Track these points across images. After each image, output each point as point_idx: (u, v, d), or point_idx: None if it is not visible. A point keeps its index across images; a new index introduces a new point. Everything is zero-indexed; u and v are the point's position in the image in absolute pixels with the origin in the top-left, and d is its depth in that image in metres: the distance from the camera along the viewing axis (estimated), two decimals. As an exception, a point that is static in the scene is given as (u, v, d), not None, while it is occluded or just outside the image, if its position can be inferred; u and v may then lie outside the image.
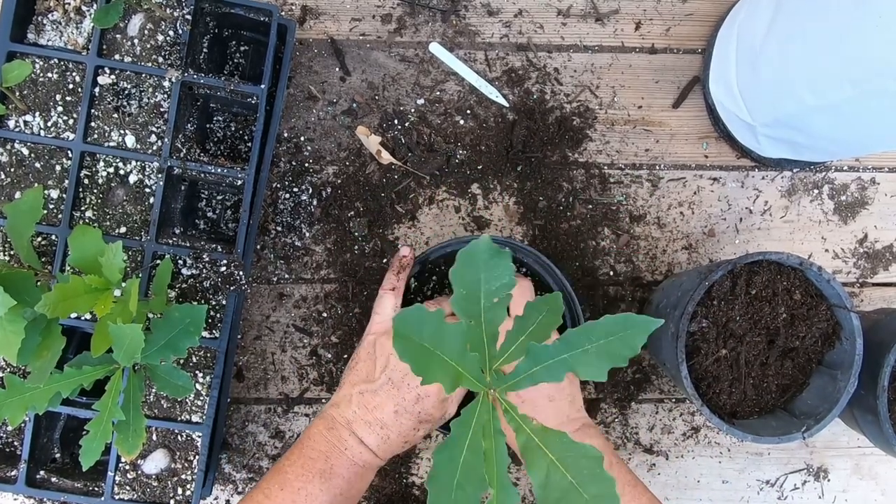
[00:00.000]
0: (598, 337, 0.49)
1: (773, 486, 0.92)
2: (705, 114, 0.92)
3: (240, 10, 0.79)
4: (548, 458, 0.46)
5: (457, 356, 0.50)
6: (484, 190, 0.90)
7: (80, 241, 0.62)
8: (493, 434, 0.49)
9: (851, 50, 0.64)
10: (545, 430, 0.48)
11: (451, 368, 0.50)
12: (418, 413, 0.64)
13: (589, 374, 0.49)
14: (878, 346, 0.76)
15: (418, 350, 0.49)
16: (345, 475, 0.63)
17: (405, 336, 0.49)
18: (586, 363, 0.49)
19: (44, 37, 0.76)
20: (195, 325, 0.65)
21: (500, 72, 0.91)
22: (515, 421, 0.49)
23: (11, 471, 0.76)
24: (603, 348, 0.48)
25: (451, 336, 0.50)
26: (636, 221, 0.91)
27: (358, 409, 0.65)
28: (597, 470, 0.45)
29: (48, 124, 0.76)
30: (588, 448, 0.46)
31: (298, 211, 0.88)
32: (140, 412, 0.63)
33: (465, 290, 0.51)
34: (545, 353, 0.49)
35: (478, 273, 0.52)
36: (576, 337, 0.49)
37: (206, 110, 0.85)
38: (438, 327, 0.50)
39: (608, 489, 0.44)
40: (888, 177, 0.93)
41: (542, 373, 0.50)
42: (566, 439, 0.47)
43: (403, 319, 0.49)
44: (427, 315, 0.49)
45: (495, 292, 0.52)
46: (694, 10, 0.92)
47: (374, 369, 0.67)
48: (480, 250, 0.52)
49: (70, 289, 0.57)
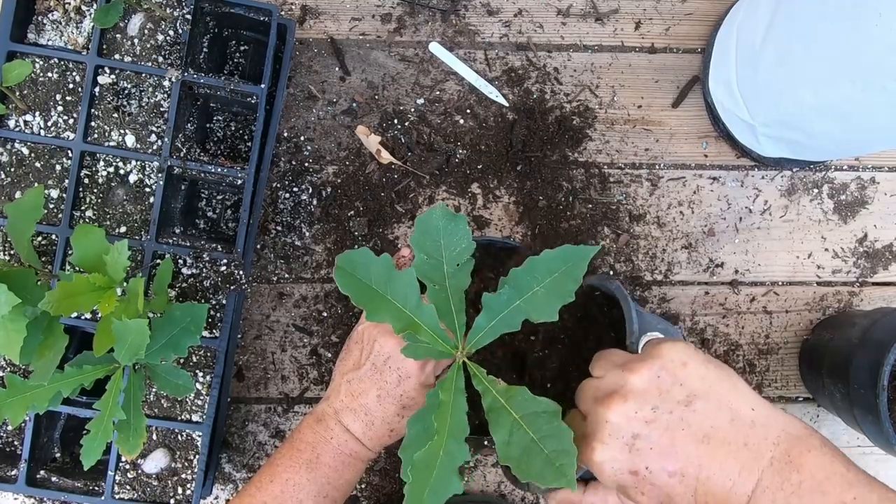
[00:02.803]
0: (543, 275, 0.50)
1: (773, 486, 0.92)
2: (705, 113, 0.92)
3: (240, 9, 0.79)
4: (511, 416, 0.47)
5: (411, 305, 0.51)
6: (484, 189, 0.90)
7: (82, 239, 0.62)
8: (453, 390, 0.50)
9: (851, 49, 0.64)
10: (509, 390, 0.49)
11: (402, 314, 0.51)
12: (400, 396, 0.65)
13: (543, 315, 0.50)
14: (877, 345, 0.76)
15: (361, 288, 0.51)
16: (331, 464, 0.64)
17: (347, 272, 0.50)
18: (538, 305, 0.50)
19: (44, 36, 0.76)
20: (196, 323, 0.65)
21: (500, 71, 0.91)
22: (482, 384, 0.50)
23: (12, 470, 0.76)
24: (550, 287, 0.50)
25: (401, 283, 0.51)
26: (636, 221, 0.91)
27: (345, 398, 0.66)
28: (554, 423, 0.46)
29: (48, 124, 0.76)
30: (546, 402, 0.47)
31: (298, 210, 0.88)
32: (141, 411, 0.63)
33: (426, 255, 0.52)
34: (498, 304, 0.51)
35: (437, 238, 0.53)
36: (522, 278, 0.50)
37: (206, 110, 0.85)
38: (386, 271, 0.51)
39: (566, 444, 0.45)
40: (888, 176, 0.93)
41: (501, 324, 0.51)
42: (527, 395, 0.48)
43: (347, 257, 0.50)
44: (373, 258, 0.50)
45: (456, 257, 0.53)
46: (693, 10, 0.92)
47: (360, 358, 0.68)
48: (436, 216, 0.53)
49: (73, 287, 0.58)
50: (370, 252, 0.51)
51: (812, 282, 0.93)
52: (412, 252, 0.76)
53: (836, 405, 0.84)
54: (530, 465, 0.45)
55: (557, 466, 0.45)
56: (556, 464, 0.45)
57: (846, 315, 0.90)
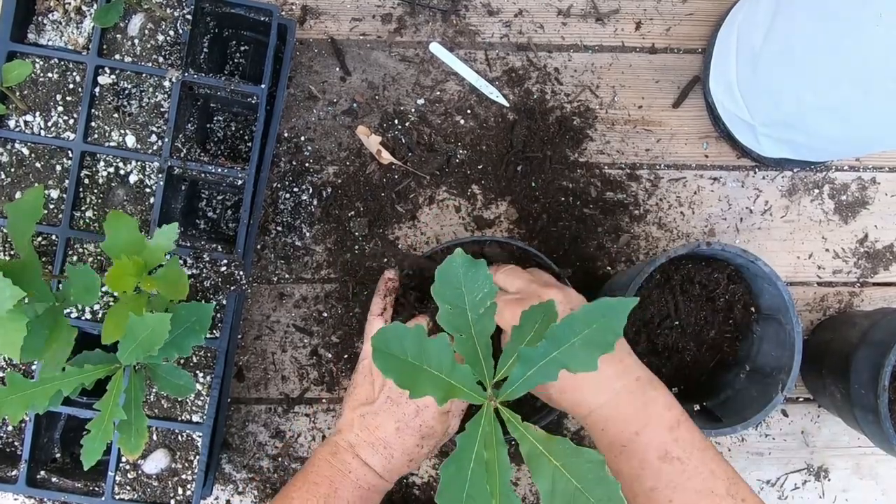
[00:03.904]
0: (581, 328, 0.49)
1: (774, 486, 0.92)
2: (705, 113, 0.92)
3: (240, 9, 0.79)
4: (552, 464, 0.46)
5: (446, 369, 0.50)
6: (484, 190, 0.90)
7: (115, 225, 0.63)
8: (495, 445, 0.49)
9: (851, 50, 0.64)
10: (548, 438, 0.48)
11: (441, 381, 0.50)
12: (419, 426, 0.65)
13: (581, 367, 0.49)
14: (878, 345, 0.76)
15: (401, 365, 0.50)
16: (349, 498, 0.63)
17: (385, 353, 0.50)
18: (575, 357, 0.49)
19: (44, 37, 0.76)
20: (201, 323, 0.65)
21: (501, 71, 0.91)
22: (518, 430, 0.49)
23: (12, 471, 0.76)
24: (588, 338, 0.49)
25: (435, 350, 0.51)
26: (636, 221, 0.91)
27: (360, 432, 0.65)
28: (601, 473, 0.45)
29: (48, 124, 0.76)
30: (590, 453, 0.46)
31: (299, 211, 0.88)
32: (142, 412, 0.63)
33: (449, 306, 0.52)
34: (535, 356, 0.50)
35: (458, 286, 0.52)
36: (560, 332, 0.49)
37: (206, 110, 0.85)
38: (420, 342, 0.50)
39: (613, 492, 0.45)
40: (888, 176, 0.93)
41: (537, 375, 0.50)
42: (569, 446, 0.47)
43: (382, 337, 0.49)
44: (406, 331, 0.50)
45: (479, 303, 0.52)
46: (694, 10, 0.92)
47: (372, 391, 0.67)
48: (456, 264, 0.52)
49: (125, 267, 0.60)
50: (401, 326, 0.50)
51: (812, 282, 0.93)
52: (398, 274, 0.76)
53: (837, 405, 0.84)
54: None
55: None
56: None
57: (847, 315, 0.90)
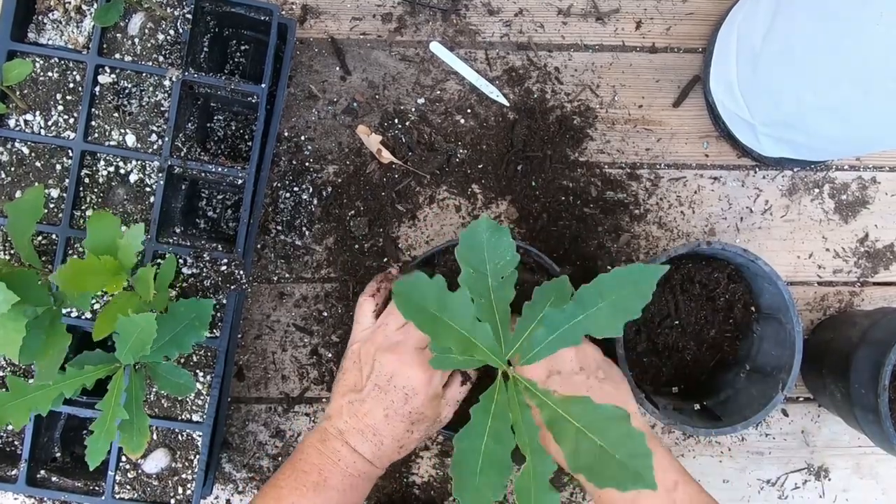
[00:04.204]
0: (611, 291, 0.48)
1: (774, 486, 0.92)
2: (706, 113, 0.92)
3: (240, 9, 0.79)
4: (574, 426, 0.45)
5: (467, 326, 0.50)
6: (484, 189, 0.90)
7: (97, 225, 0.62)
8: (518, 406, 0.48)
9: (851, 49, 0.64)
10: (567, 400, 0.47)
11: (460, 336, 0.50)
12: (409, 413, 0.64)
13: (604, 332, 0.48)
14: (878, 345, 0.76)
15: (422, 312, 0.50)
16: (338, 486, 0.62)
17: (407, 297, 0.49)
18: (600, 321, 0.48)
19: (44, 36, 0.76)
20: (201, 319, 0.65)
21: (501, 71, 0.91)
22: (537, 397, 0.49)
23: (12, 470, 0.76)
24: (616, 303, 0.48)
25: (456, 304, 0.50)
26: (636, 220, 0.91)
27: (349, 419, 0.65)
28: (625, 428, 0.44)
29: (49, 123, 0.76)
30: (612, 409, 0.45)
31: (299, 210, 0.88)
32: (143, 411, 0.63)
33: (472, 269, 0.52)
34: (561, 318, 0.49)
35: (481, 252, 0.52)
36: (588, 295, 0.48)
37: (206, 109, 0.85)
38: (441, 294, 0.50)
39: (640, 446, 0.43)
40: (889, 176, 0.93)
41: (559, 339, 0.49)
42: (589, 403, 0.46)
43: (404, 283, 0.49)
44: (427, 281, 0.49)
45: (500, 269, 0.52)
46: (694, 10, 0.92)
47: (360, 378, 0.67)
48: (481, 229, 0.52)
49: (85, 265, 0.57)
50: (423, 275, 0.50)
51: (813, 282, 0.93)
52: (399, 271, 0.76)
53: (837, 405, 0.84)
54: (604, 472, 0.44)
55: (633, 471, 0.43)
56: (631, 468, 0.43)
57: (847, 315, 0.90)
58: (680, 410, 0.80)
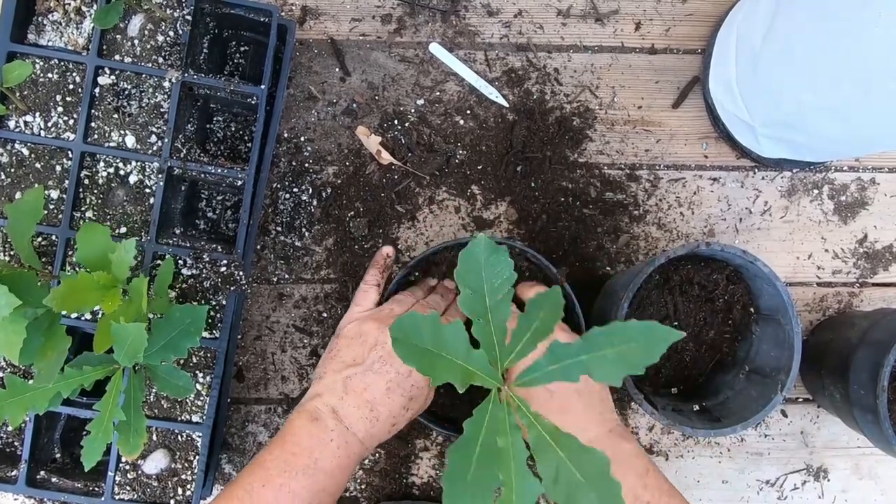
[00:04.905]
0: (620, 342, 0.48)
1: (773, 486, 0.92)
2: (705, 114, 0.92)
3: (240, 10, 0.79)
4: (558, 455, 0.46)
5: (462, 355, 0.51)
6: (484, 190, 0.90)
7: (87, 237, 0.62)
8: (508, 430, 0.49)
9: (851, 50, 0.64)
10: (556, 430, 0.48)
11: (458, 367, 0.50)
12: (410, 387, 0.65)
13: (603, 378, 0.48)
14: (877, 346, 0.76)
15: (420, 353, 0.50)
16: (328, 469, 0.62)
17: (405, 341, 0.50)
18: (603, 367, 0.48)
19: (44, 37, 0.76)
20: (196, 325, 0.65)
21: (500, 72, 0.91)
22: (527, 417, 0.49)
23: (12, 471, 0.76)
24: (623, 354, 0.48)
25: (450, 336, 0.51)
26: (636, 221, 0.91)
27: (345, 395, 0.65)
28: (605, 472, 0.45)
29: (48, 125, 0.76)
30: (598, 453, 0.46)
31: (298, 211, 0.88)
32: (141, 412, 0.63)
33: (470, 291, 0.52)
34: (566, 353, 0.49)
35: (479, 272, 0.52)
36: (597, 339, 0.48)
37: (206, 111, 0.85)
38: (436, 330, 0.50)
39: (615, 493, 0.44)
40: (888, 177, 0.93)
41: (558, 372, 0.50)
42: (576, 442, 0.47)
43: (400, 326, 0.50)
44: (422, 319, 0.50)
45: (498, 289, 0.52)
46: (694, 11, 0.92)
47: (362, 352, 0.67)
48: (479, 250, 0.52)
49: (78, 284, 0.57)
50: (417, 314, 0.50)
51: (812, 282, 0.93)
52: (394, 251, 0.78)
53: (836, 406, 0.84)
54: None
55: None
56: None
57: (846, 316, 0.90)
58: (679, 411, 0.80)
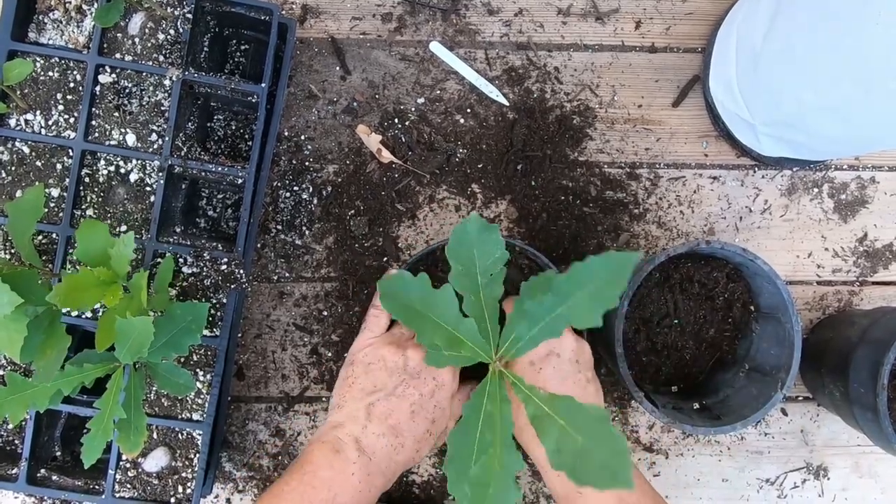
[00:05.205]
0: (587, 282, 0.48)
1: (773, 485, 0.92)
2: (705, 113, 0.92)
3: (240, 8, 0.79)
4: (558, 423, 0.46)
5: (452, 321, 0.51)
6: (484, 188, 0.90)
7: (87, 234, 0.62)
8: (498, 401, 0.49)
9: (851, 49, 0.64)
10: (553, 397, 0.48)
11: (445, 331, 0.51)
12: (433, 408, 0.64)
13: (585, 322, 0.48)
14: (877, 344, 0.76)
15: (408, 309, 0.50)
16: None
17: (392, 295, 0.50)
18: (580, 312, 0.48)
19: (45, 35, 0.76)
20: (197, 322, 0.65)
21: (501, 70, 0.91)
22: (523, 392, 0.49)
23: (12, 469, 0.76)
24: (593, 293, 0.48)
25: (440, 301, 0.51)
26: (636, 220, 0.91)
27: (369, 423, 0.63)
28: (605, 429, 0.45)
29: (49, 123, 0.76)
30: (594, 408, 0.46)
31: (299, 209, 0.89)
32: (141, 410, 0.63)
33: (461, 267, 0.52)
34: (541, 311, 0.49)
35: (471, 248, 0.52)
36: (565, 285, 0.48)
37: (206, 109, 0.85)
38: (425, 291, 0.51)
39: (619, 447, 0.44)
40: (888, 175, 0.93)
41: (542, 332, 0.50)
42: (573, 403, 0.46)
43: (388, 282, 0.50)
44: (411, 280, 0.50)
45: (490, 267, 0.52)
46: (694, 9, 0.92)
47: (381, 377, 0.66)
48: (471, 227, 0.52)
49: (80, 280, 0.57)
50: (406, 274, 0.50)
51: (812, 281, 0.93)
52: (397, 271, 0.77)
53: (836, 404, 0.84)
54: (585, 470, 0.44)
55: (612, 470, 0.43)
56: (610, 468, 0.44)
57: (846, 314, 0.90)
58: (679, 409, 0.81)
